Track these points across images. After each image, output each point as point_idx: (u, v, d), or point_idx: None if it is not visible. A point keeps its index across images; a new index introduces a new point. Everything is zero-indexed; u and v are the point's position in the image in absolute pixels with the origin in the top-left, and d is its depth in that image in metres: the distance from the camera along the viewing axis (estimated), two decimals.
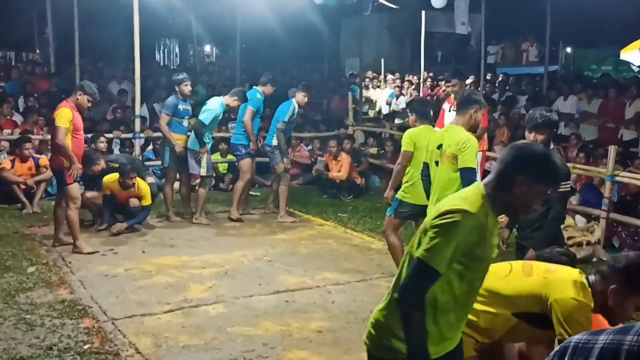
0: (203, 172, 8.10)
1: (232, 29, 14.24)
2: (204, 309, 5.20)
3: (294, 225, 8.21)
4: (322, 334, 4.79)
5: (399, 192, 5.86)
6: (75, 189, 6.63)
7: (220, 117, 8.36)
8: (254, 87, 8.65)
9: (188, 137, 8.15)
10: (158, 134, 9.94)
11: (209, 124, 8.03)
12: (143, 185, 7.72)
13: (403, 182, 5.81)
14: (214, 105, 8.09)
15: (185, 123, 8.18)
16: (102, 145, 9.04)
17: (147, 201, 7.72)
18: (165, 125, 8.05)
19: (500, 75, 15.65)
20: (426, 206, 5.38)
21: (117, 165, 7.93)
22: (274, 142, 8.33)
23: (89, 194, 7.69)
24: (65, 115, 6.41)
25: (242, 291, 5.62)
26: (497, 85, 14.47)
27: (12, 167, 8.80)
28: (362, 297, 5.59)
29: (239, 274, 6.14)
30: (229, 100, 8.17)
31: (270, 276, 6.08)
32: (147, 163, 9.58)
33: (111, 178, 7.69)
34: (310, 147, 11.76)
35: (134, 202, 7.74)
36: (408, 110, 6.30)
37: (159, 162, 8.99)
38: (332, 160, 10.29)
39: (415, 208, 5.68)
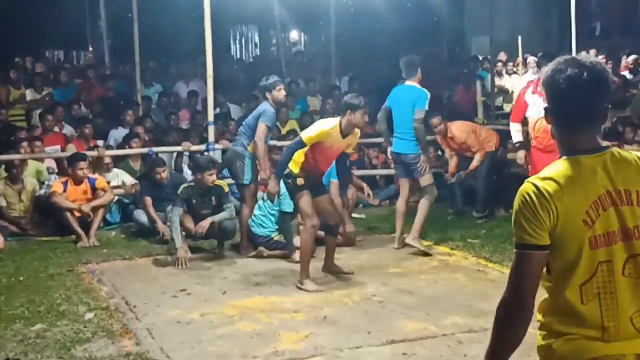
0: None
1: (325, 9, 14.43)
2: None
3: (411, 256, 8.18)
4: None
5: None
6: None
7: None
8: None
9: None
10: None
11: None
12: None
13: None
14: None
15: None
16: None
17: None
18: (262, 142, 8.10)
19: None
20: None
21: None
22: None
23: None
24: None
25: (347, 341, 5.63)
26: None
27: (64, 190, 9.15)
28: None
29: (342, 319, 6.16)
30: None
31: (382, 322, 6.06)
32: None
33: None
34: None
35: None
36: None
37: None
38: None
39: None
